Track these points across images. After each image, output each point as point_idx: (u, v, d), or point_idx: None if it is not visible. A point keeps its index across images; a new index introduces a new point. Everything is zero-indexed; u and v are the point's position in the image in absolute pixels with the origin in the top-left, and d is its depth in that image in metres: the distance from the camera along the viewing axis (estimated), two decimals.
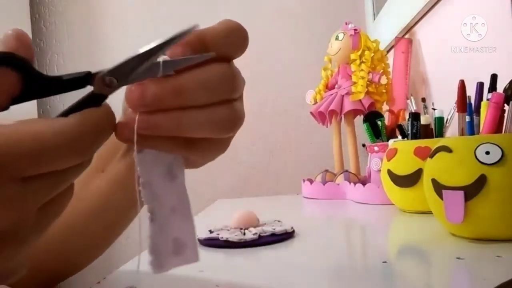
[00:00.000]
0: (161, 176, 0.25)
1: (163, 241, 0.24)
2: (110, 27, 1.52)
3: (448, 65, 0.82)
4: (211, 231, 0.52)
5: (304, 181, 0.98)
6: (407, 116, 0.71)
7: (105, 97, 0.22)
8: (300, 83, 1.33)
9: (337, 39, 0.99)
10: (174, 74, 0.23)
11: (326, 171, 0.97)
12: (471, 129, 0.49)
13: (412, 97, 0.75)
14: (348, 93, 0.95)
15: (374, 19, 1.33)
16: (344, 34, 0.98)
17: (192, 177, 0.28)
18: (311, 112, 1.03)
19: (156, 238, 0.24)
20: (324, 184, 0.91)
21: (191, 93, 0.23)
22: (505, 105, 0.47)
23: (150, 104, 0.22)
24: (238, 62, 0.26)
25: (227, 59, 0.25)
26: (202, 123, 0.24)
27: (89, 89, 0.22)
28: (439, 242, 0.47)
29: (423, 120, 0.65)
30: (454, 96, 0.53)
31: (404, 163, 0.64)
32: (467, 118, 0.50)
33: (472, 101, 0.50)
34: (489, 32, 0.66)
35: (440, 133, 0.65)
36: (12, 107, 0.22)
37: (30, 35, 1.47)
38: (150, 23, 1.50)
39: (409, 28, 1.01)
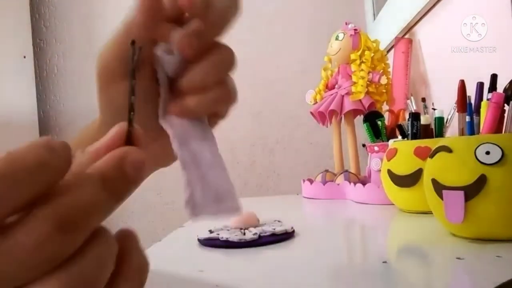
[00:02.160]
0: (196, 136, 0.26)
1: (203, 188, 0.24)
2: (110, 27, 1.52)
3: (448, 65, 0.82)
4: (211, 231, 0.52)
5: (304, 181, 0.98)
6: (407, 116, 0.71)
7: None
8: (300, 83, 1.33)
9: (337, 39, 0.99)
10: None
11: (326, 171, 0.97)
12: (471, 129, 0.49)
13: (412, 97, 0.75)
14: (348, 93, 0.95)
15: (374, 19, 1.33)
16: (344, 34, 0.98)
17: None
18: (311, 112, 1.03)
19: (195, 185, 0.24)
20: (324, 184, 0.91)
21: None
22: (505, 105, 0.47)
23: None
24: (238, 63, 0.27)
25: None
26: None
27: None
28: (439, 242, 0.47)
29: (423, 120, 0.65)
30: (454, 96, 0.53)
31: (404, 163, 0.64)
32: (467, 118, 0.50)
33: (472, 101, 0.50)
34: (489, 32, 0.66)
35: (440, 133, 0.65)
36: (12, 107, 0.22)
37: (30, 35, 1.47)
38: None
39: (409, 28, 1.01)
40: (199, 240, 0.52)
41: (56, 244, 0.16)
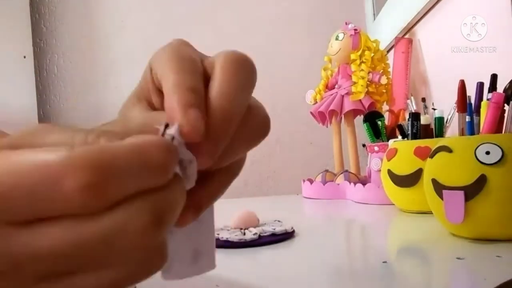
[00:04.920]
0: None
1: (183, 251, 0.23)
2: (110, 27, 1.52)
3: (448, 65, 0.82)
4: None
5: (304, 181, 0.97)
6: (407, 116, 0.71)
7: None
8: (300, 83, 1.33)
9: (337, 39, 0.99)
10: None
11: (326, 171, 0.97)
12: (471, 129, 0.49)
13: (412, 97, 0.75)
14: (348, 93, 0.95)
15: (374, 19, 1.33)
16: (344, 34, 0.98)
17: None
18: (311, 112, 1.03)
19: (175, 248, 0.23)
20: (324, 184, 0.91)
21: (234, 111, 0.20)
22: (505, 105, 0.47)
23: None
24: None
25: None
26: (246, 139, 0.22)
27: None
28: (439, 242, 0.47)
29: (423, 120, 0.65)
30: (454, 96, 0.53)
31: (404, 163, 0.64)
32: (467, 118, 0.50)
33: (472, 101, 0.50)
34: (489, 32, 0.66)
35: (440, 133, 0.65)
36: (12, 107, 0.21)
37: (30, 35, 1.47)
38: (150, 23, 1.50)
39: (409, 28, 1.01)
40: None
41: (148, 237, 0.16)
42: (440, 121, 0.65)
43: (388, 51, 1.14)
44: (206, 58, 0.22)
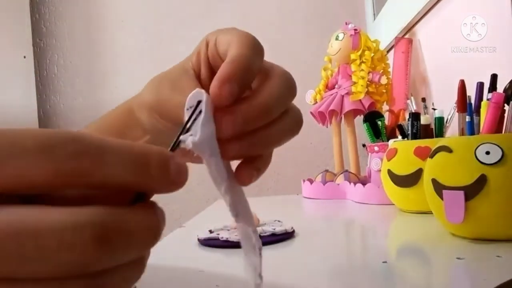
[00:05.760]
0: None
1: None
2: (110, 27, 1.52)
3: (448, 65, 0.82)
4: (211, 231, 0.52)
5: (304, 181, 0.97)
6: (407, 116, 0.71)
7: None
8: (300, 83, 1.32)
9: (337, 39, 0.99)
10: (251, 92, 0.23)
11: (326, 171, 0.97)
12: (471, 129, 0.49)
13: (412, 97, 0.75)
14: (348, 93, 0.95)
15: (374, 19, 1.33)
16: (344, 34, 0.98)
17: (192, 177, 0.28)
18: (311, 112, 1.03)
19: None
20: (324, 184, 0.91)
21: (274, 109, 0.23)
22: (505, 105, 0.47)
23: (240, 129, 0.22)
24: None
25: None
26: (280, 134, 0.24)
27: None
28: (439, 242, 0.47)
29: (423, 120, 0.65)
30: (454, 96, 0.53)
31: (404, 163, 0.64)
32: (467, 118, 0.50)
33: (472, 101, 0.50)
34: (489, 32, 0.66)
35: (440, 133, 0.65)
36: (12, 107, 0.22)
37: (30, 35, 1.47)
38: (150, 23, 1.50)
39: (409, 28, 1.01)
40: (199, 240, 0.52)
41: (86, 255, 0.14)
42: (440, 121, 0.65)
43: (388, 51, 1.14)
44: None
